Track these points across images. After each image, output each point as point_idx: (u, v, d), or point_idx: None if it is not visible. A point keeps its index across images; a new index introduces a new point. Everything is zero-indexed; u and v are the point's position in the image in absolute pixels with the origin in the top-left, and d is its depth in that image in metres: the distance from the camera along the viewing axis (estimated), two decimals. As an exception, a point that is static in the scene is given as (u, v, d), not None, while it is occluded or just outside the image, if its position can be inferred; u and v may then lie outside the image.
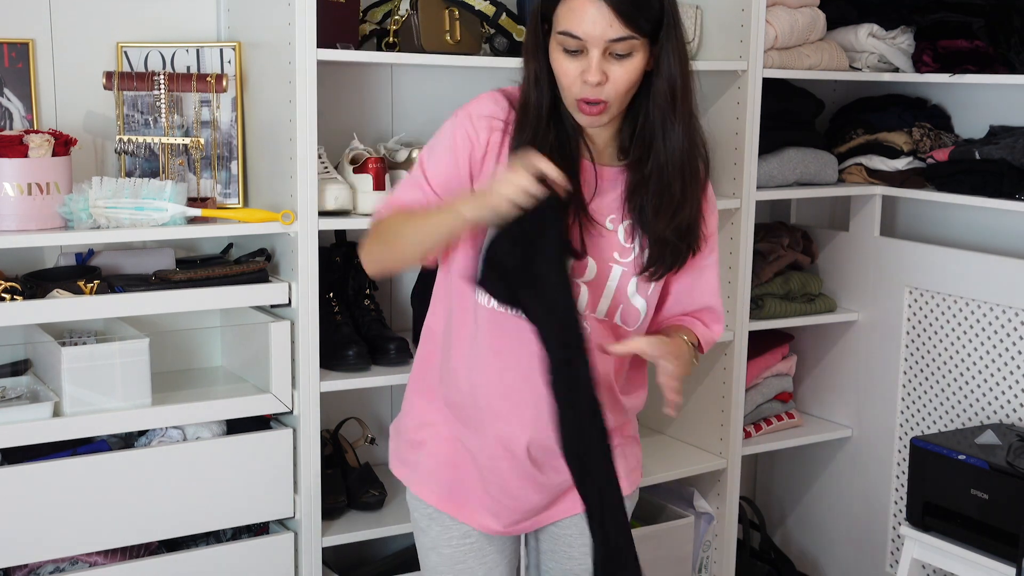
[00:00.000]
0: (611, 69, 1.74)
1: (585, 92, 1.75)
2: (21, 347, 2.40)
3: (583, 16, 1.72)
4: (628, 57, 1.74)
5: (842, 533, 3.42)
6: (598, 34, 1.71)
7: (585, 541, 2.00)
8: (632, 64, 1.75)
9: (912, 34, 3.18)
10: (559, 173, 1.68)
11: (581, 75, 1.74)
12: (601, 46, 1.72)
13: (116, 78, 2.39)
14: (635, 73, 1.76)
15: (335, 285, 2.65)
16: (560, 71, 1.77)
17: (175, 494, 2.32)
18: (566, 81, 1.77)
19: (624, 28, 1.71)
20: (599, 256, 1.86)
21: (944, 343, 3.08)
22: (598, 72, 1.73)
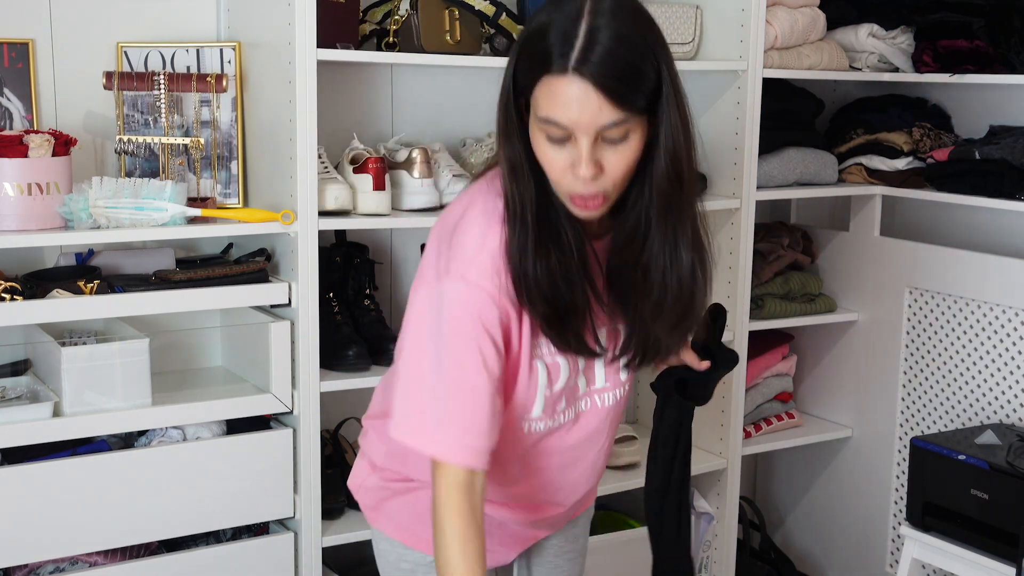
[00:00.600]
0: (606, 157, 1.46)
1: (577, 187, 1.47)
2: (21, 347, 2.40)
3: (567, 101, 1.42)
4: (624, 142, 1.46)
5: (842, 533, 3.42)
6: (587, 121, 1.42)
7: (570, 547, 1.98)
8: (630, 148, 1.47)
9: (912, 34, 3.18)
10: None
11: (571, 168, 1.46)
12: (591, 134, 1.44)
13: (116, 78, 2.39)
14: (634, 156, 1.48)
15: (335, 285, 2.65)
16: (545, 162, 1.49)
17: (175, 494, 2.32)
18: (553, 174, 1.49)
19: (617, 111, 1.42)
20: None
21: (944, 343, 3.08)
22: (591, 165, 1.44)
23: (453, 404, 1.52)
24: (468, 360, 1.51)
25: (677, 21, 2.91)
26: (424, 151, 2.58)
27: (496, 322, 1.52)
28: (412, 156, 2.57)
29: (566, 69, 1.42)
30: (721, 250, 2.99)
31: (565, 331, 1.56)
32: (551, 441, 1.71)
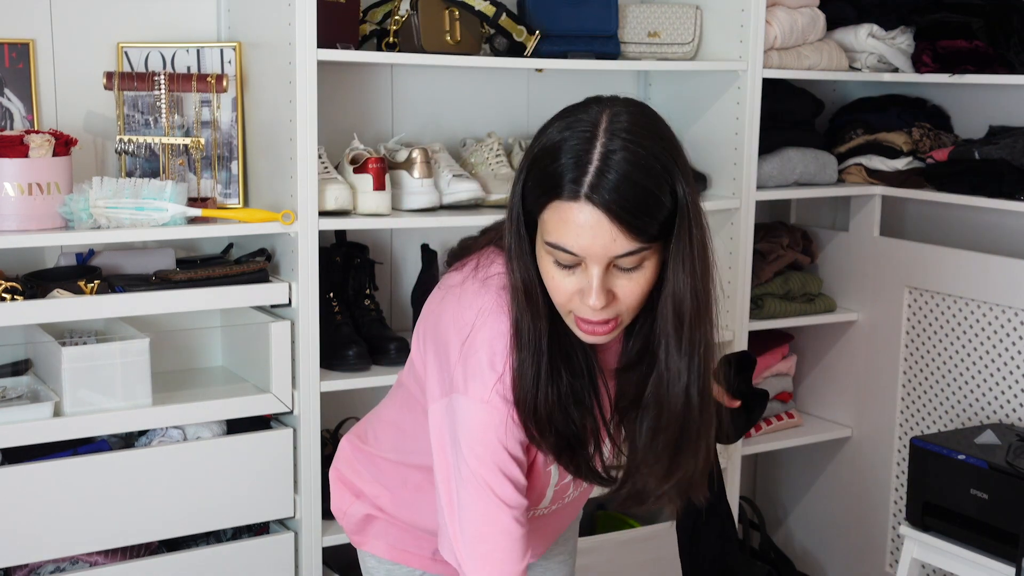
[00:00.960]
0: (618, 285, 1.38)
1: (585, 313, 1.39)
2: (21, 347, 2.40)
3: (578, 229, 1.33)
4: (638, 269, 1.37)
5: (842, 533, 3.42)
6: (599, 251, 1.34)
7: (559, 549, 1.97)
8: (643, 276, 1.38)
9: (911, 34, 3.18)
10: None
11: (580, 294, 1.38)
12: (603, 263, 1.35)
13: (116, 78, 2.39)
14: (648, 283, 1.39)
15: (335, 285, 2.65)
16: (552, 287, 1.40)
17: (175, 494, 2.32)
18: (560, 298, 1.40)
19: (632, 241, 1.34)
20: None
21: (944, 343, 3.08)
22: (602, 295, 1.36)
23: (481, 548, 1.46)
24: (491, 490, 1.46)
25: (677, 21, 2.92)
26: (424, 151, 2.58)
27: (516, 439, 1.46)
28: (412, 156, 2.57)
29: (578, 196, 1.33)
30: (721, 250, 2.99)
31: (576, 460, 1.49)
32: (553, 515, 1.72)
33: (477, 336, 1.45)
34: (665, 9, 2.91)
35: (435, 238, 2.83)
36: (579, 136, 1.35)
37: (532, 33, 2.65)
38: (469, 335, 1.46)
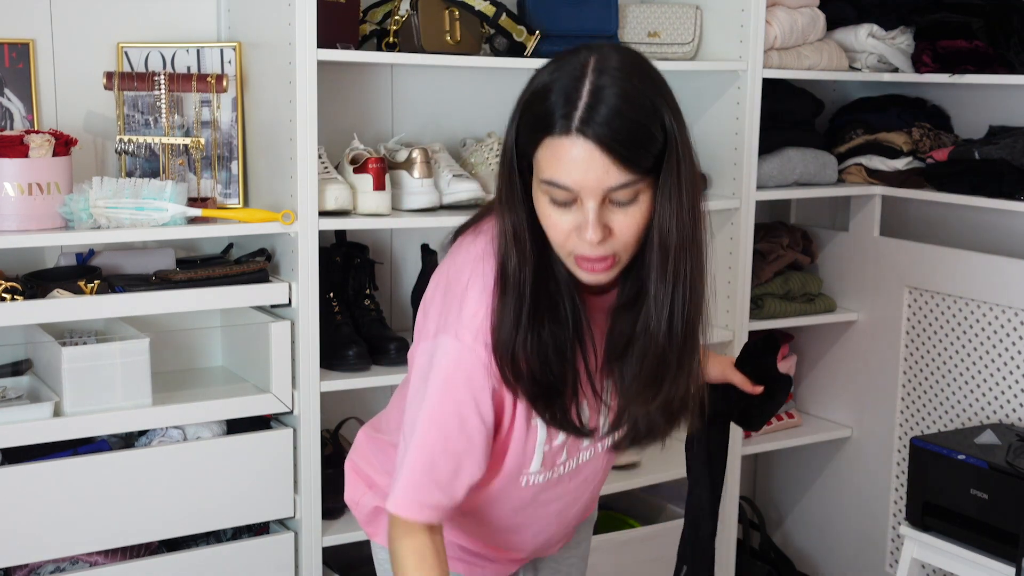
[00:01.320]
0: (614, 219, 1.40)
1: (583, 249, 1.41)
2: (21, 347, 2.40)
3: (571, 163, 1.36)
4: (633, 203, 1.39)
5: (842, 533, 3.42)
6: (593, 183, 1.36)
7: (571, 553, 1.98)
8: (639, 210, 1.40)
9: (911, 34, 3.18)
10: None
11: (577, 231, 1.40)
12: (598, 196, 1.37)
13: (116, 78, 2.39)
14: (644, 217, 1.41)
15: (335, 285, 2.65)
16: (549, 225, 1.42)
17: (175, 494, 2.32)
18: (558, 237, 1.42)
19: (624, 173, 1.36)
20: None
21: (944, 343, 3.08)
22: (598, 228, 1.38)
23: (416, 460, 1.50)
24: (445, 419, 1.49)
25: (677, 21, 2.92)
26: (424, 151, 2.58)
27: (486, 388, 1.48)
28: (412, 156, 2.57)
29: (569, 130, 1.36)
30: (721, 250, 2.99)
31: (552, 407, 1.51)
32: (550, 492, 1.69)
33: (464, 280, 1.49)
34: (665, 9, 2.91)
35: (435, 238, 2.83)
36: (569, 75, 1.38)
37: (532, 33, 2.65)
38: (458, 279, 1.51)
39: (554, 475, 1.66)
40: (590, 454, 1.70)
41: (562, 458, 1.65)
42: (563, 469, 1.66)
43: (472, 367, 1.47)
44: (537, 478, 1.64)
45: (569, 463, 1.67)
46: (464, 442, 1.50)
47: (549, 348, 1.47)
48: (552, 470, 1.65)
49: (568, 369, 1.50)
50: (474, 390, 1.48)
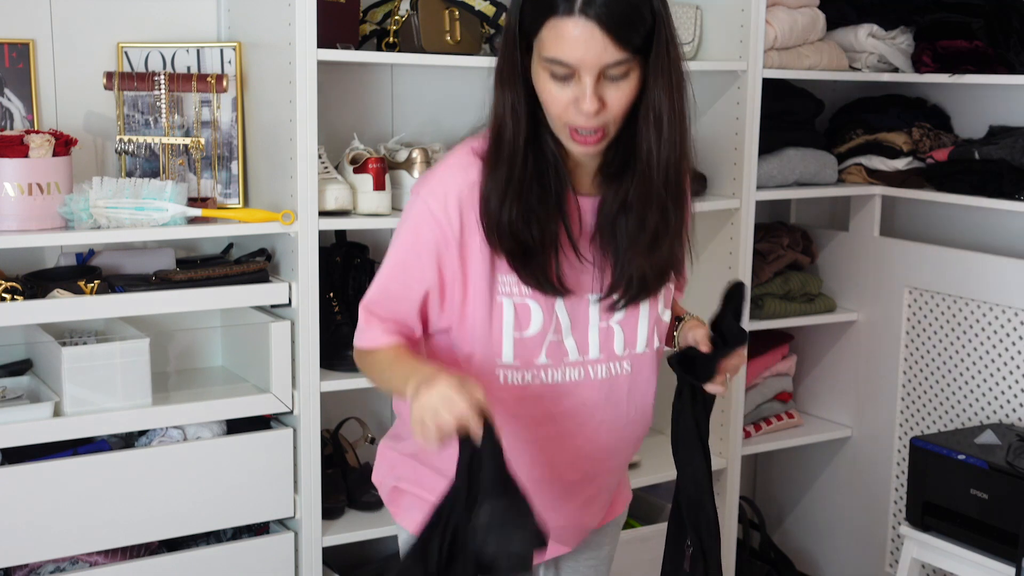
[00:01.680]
0: (607, 93, 1.56)
1: (579, 120, 1.57)
2: (21, 347, 2.40)
3: (573, 41, 1.52)
4: (625, 79, 1.56)
5: (842, 533, 3.42)
6: (591, 60, 1.53)
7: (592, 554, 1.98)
8: (629, 85, 1.57)
9: (911, 34, 3.18)
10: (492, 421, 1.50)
11: (574, 103, 1.56)
12: (595, 72, 1.54)
13: (116, 78, 2.39)
14: (633, 92, 1.58)
15: (335, 285, 2.65)
16: (549, 99, 1.58)
17: (175, 494, 2.32)
18: (556, 109, 1.58)
19: (619, 51, 1.53)
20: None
21: (944, 343, 3.08)
22: (594, 100, 1.54)
23: (372, 296, 1.71)
24: (396, 263, 1.70)
25: (677, 21, 2.89)
26: (424, 151, 2.58)
27: (431, 238, 1.65)
28: (412, 156, 2.57)
29: (572, 11, 1.52)
30: (721, 250, 2.99)
31: (530, 266, 1.64)
32: (538, 405, 1.72)
33: (445, 159, 1.72)
34: (665, 9, 2.91)
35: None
36: None
37: (532, 33, 2.65)
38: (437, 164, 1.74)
39: (534, 379, 1.70)
40: (580, 374, 1.72)
41: (540, 358, 1.70)
42: (546, 376, 1.70)
43: (422, 222, 1.66)
44: (515, 376, 1.69)
45: (554, 373, 1.71)
46: (403, 287, 1.69)
47: (534, 212, 1.63)
48: (531, 370, 1.70)
49: (548, 234, 1.64)
50: (419, 244, 1.66)
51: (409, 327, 1.72)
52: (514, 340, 1.67)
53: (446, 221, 1.64)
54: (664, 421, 3.28)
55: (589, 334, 1.72)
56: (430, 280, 1.67)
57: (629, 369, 1.76)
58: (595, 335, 1.72)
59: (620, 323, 1.73)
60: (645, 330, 1.76)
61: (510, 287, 1.66)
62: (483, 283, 1.66)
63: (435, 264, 1.66)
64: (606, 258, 1.70)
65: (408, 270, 1.68)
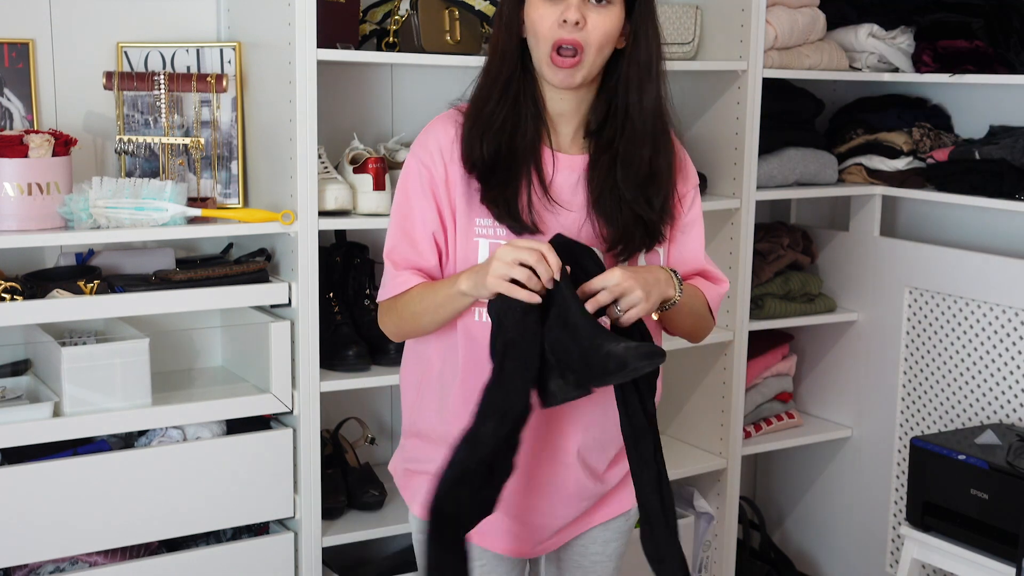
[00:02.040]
0: (589, 15, 1.74)
1: (562, 33, 1.74)
2: (21, 347, 2.40)
3: None
4: (606, 7, 1.75)
5: (842, 533, 3.42)
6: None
7: (598, 549, 1.99)
8: (610, 14, 1.75)
9: (912, 34, 3.18)
10: (555, 258, 1.67)
11: (560, 16, 1.73)
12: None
13: (116, 78, 2.39)
14: (611, 25, 1.75)
15: (335, 285, 2.65)
16: (538, 19, 1.75)
17: (175, 494, 2.32)
18: (543, 26, 1.75)
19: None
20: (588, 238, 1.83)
21: (944, 343, 3.08)
22: (577, 11, 1.72)
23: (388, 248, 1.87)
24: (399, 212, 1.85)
25: (677, 21, 2.91)
26: (424, 151, 2.58)
27: (426, 184, 1.82)
28: (412, 156, 2.56)
29: None
30: (721, 250, 2.99)
31: (500, 199, 1.78)
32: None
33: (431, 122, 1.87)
34: (665, 9, 2.91)
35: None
36: None
37: (532, 33, 2.65)
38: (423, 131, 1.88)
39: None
40: None
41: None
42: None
43: (417, 172, 1.83)
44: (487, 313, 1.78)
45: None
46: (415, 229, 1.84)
47: (506, 147, 1.78)
48: None
49: (519, 169, 1.79)
50: (417, 189, 1.83)
51: (430, 270, 1.85)
52: None
53: (433, 167, 1.82)
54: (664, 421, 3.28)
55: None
56: (432, 220, 1.83)
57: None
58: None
59: None
60: None
61: (486, 228, 1.81)
62: (463, 222, 1.82)
63: (433, 205, 1.83)
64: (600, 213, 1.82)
65: (413, 212, 1.83)
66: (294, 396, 2.43)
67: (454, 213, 1.83)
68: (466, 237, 1.82)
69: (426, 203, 1.83)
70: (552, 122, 1.84)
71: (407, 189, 1.86)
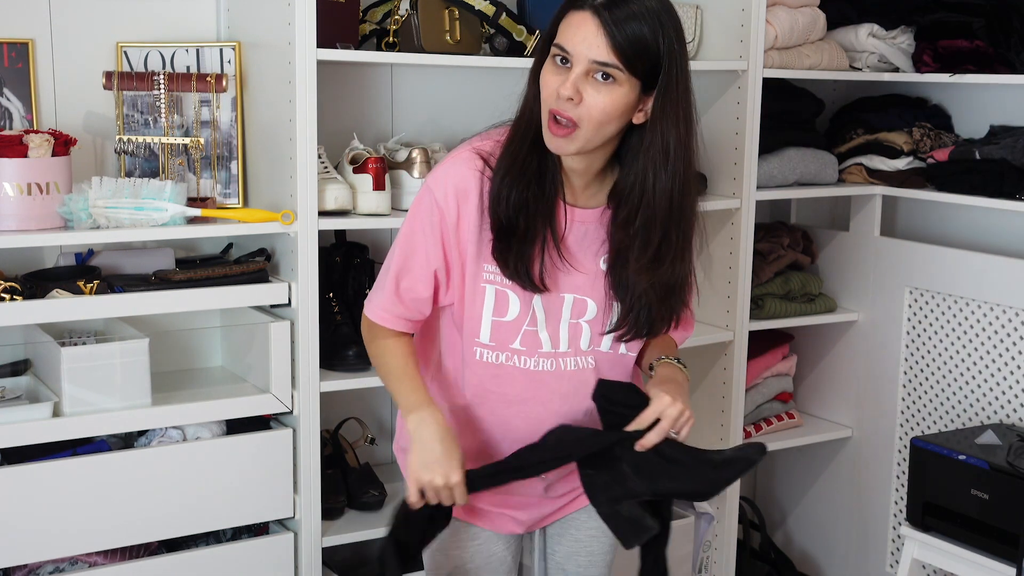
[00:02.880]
0: (587, 91, 1.69)
1: (557, 105, 1.71)
2: (21, 347, 2.40)
3: (577, 30, 1.69)
4: (608, 84, 1.69)
5: (842, 533, 3.42)
6: (583, 51, 1.68)
7: (592, 525, 2.01)
8: (610, 94, 1.70)
9: (912, 34, 3.18)
10: (461, 492, 1.77)
11: (559, 88, 1.71)
12: (584, 65, 1.69)
13: (116, 78, 2.39)
14: (611, 105, 1.70)
15: (335, 285, 2.65)
16: (544, 82, 1.74)
17: (175, 494, 2.32)
18: (545, 92, 1.73)
19: (611, 55, 1.67)
20: (597, 297, 1.86)
21: (944, 343, 3.08)
22: (572, 87, 1.68)
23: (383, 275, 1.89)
24: (404, 245, 1.85)
25: (677, 21, 2.91)
26: (424, 151, 2.58)
27: (436, 222, 1.81)
28: (412, 156, 2.57)
29: (585, 5, 1.70)
30: (721, 250, 2.99)
31: (513, 258, 1.79)
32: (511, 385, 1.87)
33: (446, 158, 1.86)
34: (665, 9, 2.90)
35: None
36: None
37: (532, 33, 2.65)
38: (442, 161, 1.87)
39: (507, 361, 1.85)
40: (552, 364, 1.86)
41: (515, 344, 1.85)
42: (519, 361, 1.86)
43: (429, 209, 1.82)
44: (490, 355, 1.86)
45: (527, 359, 1.86)
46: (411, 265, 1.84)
47: (527, 205, 1.77)
48: (505, 352, 1.86)
49: (536, 229, 1.79)
50: (424, 226, 1.82)
51: (420, 304, 1.87)
52: (492, 323, 1.84)
53: (446, 207, 1.81)
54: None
55: (560, 328, 1.86)
56: (436, 258, 1.83)
57: (593, 364, 1.89)
58: (565, 329, 1.87)
59: (588, 323, 1.87)
60: (611, 336, 1.88)
61: (493, 275, 1.82)
62: (472, 267, 1.83)
63: (439, 245, 1.83)
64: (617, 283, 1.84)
65: (418, 247, 1.84)
66: (294, 396, 2.43)
67: (462, 256, 1.83)
68: (474, 281, 1.84)
69: (432, 241, 1.83)
70: (567, 175, 1.83)
71: (417, 221, 1.85)
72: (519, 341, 1.85)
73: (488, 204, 1.79)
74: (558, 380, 1.88)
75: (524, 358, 1.86)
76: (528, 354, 1.86)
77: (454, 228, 1.81)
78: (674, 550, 3.01)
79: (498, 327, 1.84)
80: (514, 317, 1.84)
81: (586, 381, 1.88)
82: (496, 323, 1.84)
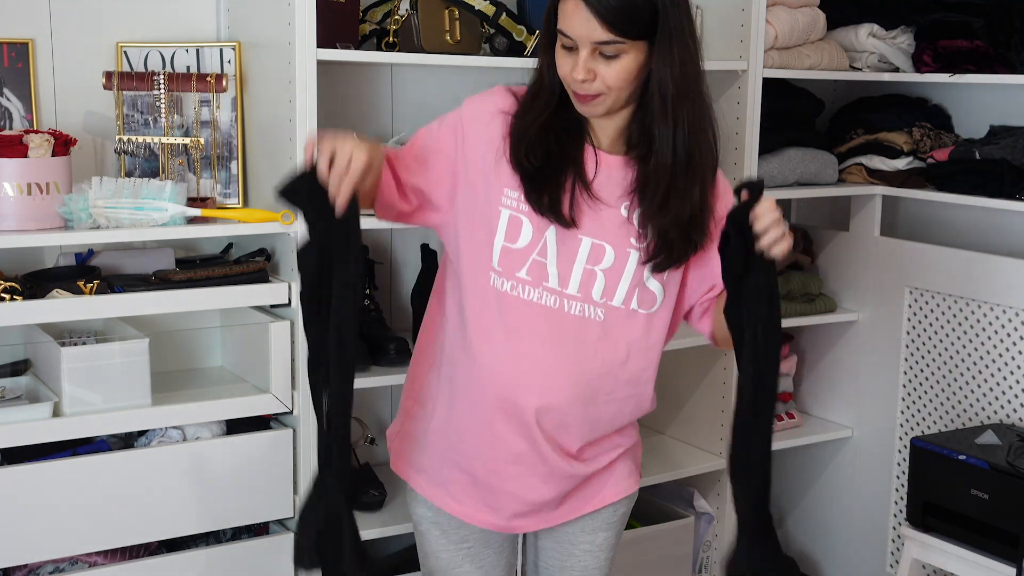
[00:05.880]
0: (599, 67, 1.79)
1: (575, 87, 1.82)
2: (21, 347, 2.40)
3: (572, 17, 1.77)
4: (617, 58, 1.79)
5: (842, 533, 3.42)
6: (584, 35, 1.77)
7: (586, 539, 2.01)
8: (622, 65, 1.79)
9: (912, 34, 3.18)
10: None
11: (572, 72, 1.80)
12: (588, 46, 1.78)
13: (116, 78, 2.39)
14: (627, 72, 1.80)
15: (335, 285, 2.64)
16: (558, 65, 1.84)
17: (175, 494, 2.32)
18: (563, 72, 1.83)
19: (608, 33, 1.75)
20: (617, 243, 1.88)
21: (944, 343, 3.08)
22: (583, 70, 1.78)
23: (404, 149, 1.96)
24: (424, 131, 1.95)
25: (677, 21, 2.91)
26: (424, 151, 2.57)
27: (459, 128, 1.90)
28: (412, 156, 2.56)
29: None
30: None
31: (541, 189, 1.85)
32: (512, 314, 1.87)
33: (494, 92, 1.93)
34: (665, 9, 2.90)
35: (435, 238, 2.82)
36: None
37: (532, 33, 2.65)
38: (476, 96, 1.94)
39: (512, 289, 1.87)
40: (555, 302, 1.87)
41: (521, 272, 1.87)
42: (523, 291, 1.87)
43: (455, 118, 1.91)
44: (497, 281, 1.87)
45: (531, 290, 1.87)
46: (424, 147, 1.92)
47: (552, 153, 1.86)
48: (511, 280, 1.87)
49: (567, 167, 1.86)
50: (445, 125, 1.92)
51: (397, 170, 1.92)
52: (501, 249, 1.87)
53: (472, 128, 1.90)
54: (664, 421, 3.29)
55: (573, 269, 1.88)
56: (447, 150, 1.90)
57: (602, 317, 1.89)
58: (578, 272, 1.88)
59: (604, 271, 1.88)
60: (626, 286, 1.89)
61: (512, 201, 1.87)
62: (489, 186, 1.87)
63: (452, 140, 1.90)
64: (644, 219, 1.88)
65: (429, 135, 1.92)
66: (294, 396, 2.43)
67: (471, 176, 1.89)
68: (489, 202, 1.88)
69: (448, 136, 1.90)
70: (592, 125, 1.90)
71: (442, 122, 1.94)
72: (526, 270, 1.87)
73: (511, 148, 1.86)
74: (560, 320, 1.88)
75: (528, 288, 1.87)
76: (533, 284, 1.87)
77: (473, 145, 1.88)
78: (674, 550, 3.02)
79: (507, 253, 1.87)
80: (525, 244, 1.87)
81: (588, 331, 1.88)
82: (505, 248, 1.87)
